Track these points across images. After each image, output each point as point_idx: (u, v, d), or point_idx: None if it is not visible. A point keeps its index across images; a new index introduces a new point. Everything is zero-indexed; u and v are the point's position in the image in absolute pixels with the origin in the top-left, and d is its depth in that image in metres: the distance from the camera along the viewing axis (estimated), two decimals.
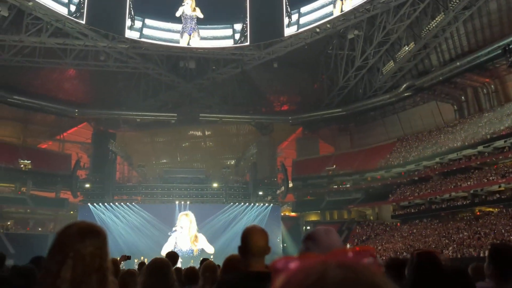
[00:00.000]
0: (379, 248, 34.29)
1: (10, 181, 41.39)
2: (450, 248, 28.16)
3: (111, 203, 38.36)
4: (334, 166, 46.76)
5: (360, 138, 49.83)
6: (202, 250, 36.21)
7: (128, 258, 5.81)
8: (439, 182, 36.79)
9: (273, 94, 52.57)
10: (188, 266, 4.81)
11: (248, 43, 41.55)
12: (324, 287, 0.53)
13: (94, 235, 1.35)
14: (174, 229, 37.49)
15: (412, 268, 2.27)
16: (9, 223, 40.16)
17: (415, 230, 35.12)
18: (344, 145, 50.60)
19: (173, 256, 4.80)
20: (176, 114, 47.56)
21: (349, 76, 43.48)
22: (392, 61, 41.19)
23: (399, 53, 40.13)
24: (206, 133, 56.39)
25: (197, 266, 4.70)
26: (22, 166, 41.98)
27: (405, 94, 41.84)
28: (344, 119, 48.48)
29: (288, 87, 50.30)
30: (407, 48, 39.22)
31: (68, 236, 1.33)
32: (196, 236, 37.35)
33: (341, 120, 48.91)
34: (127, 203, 38.96)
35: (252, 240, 2.19)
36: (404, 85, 41.21)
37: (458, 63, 36.81)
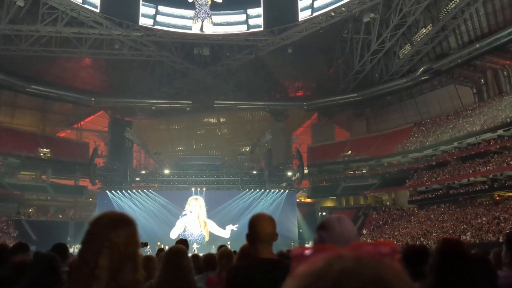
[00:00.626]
0: (395, 233, 34.14)
1: (31, 169, 42.38)
2: (468, 233, 27.85)
3: (128, 190, 38.91)
4: (350, 151, 46.45)
5: (376, 123, 49.29)
6: (217, 236, 36.53)
7: (145, 245, 5.89)
8: (457, 167, 36.25)
9: (287, 80, 52.20)
10: (207, 252, 4.87)
11: (262, 29, 41.13)
12: (325, 275, 0.54)
13: (126, 224, 1.40)
14: (184, 213, 37.92)
15: (437, 257, 2.24)
16: (30, 210, 41.21)
17: (432, 216, 34.81)
18: (360, 131, 50.14)
19: (184, 242, 4.90)
20: (191, 102, 47.71)
21: (365, 60, 42.79)
22: (409, 44, 40.35)
23: (416, 36, 39.24)
24: (221, 120, 56.51)
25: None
26: (41, 154, 42.86)
27: (423, 78, 41.09)
28: (360, 104, 47.94)
29: (303, 73, 49.83)
30: (424, 31, 38.31)
31: (101, 226, 1.38)
32: (205, 222, 37.72)
33: (357, 105, 48.39)
34: (144, 190, 39.48)
35: (260, 227, 2.21)
36: (422, 69, 40.44)
37: (477, 45, 35.87)
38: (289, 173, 42.21)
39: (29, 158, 41.07)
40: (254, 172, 43.15)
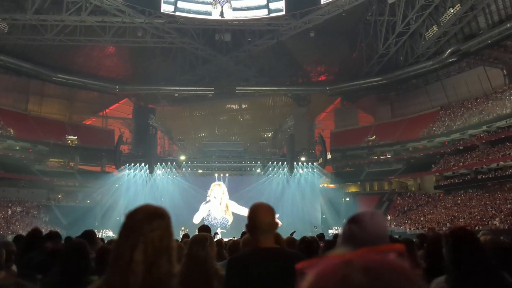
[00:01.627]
0: (421, 219, 33.72)
1: (59, 156, 43.59)
2: (497, 219, 27.24)
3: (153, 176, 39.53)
4: (374, 136, 45.83)
5: (401, 107, 48.31)
6: (241, 221, 36.83)
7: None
8: (485, 151, 35.33)
9: (310, 64, 51.58)
10: (231, 239, 4.91)
11: (283, 13, 40.59)
12: None
13: (160, 217, 1.42)
14: (208, 199, 38.31)
15: (449, 248, 2.18)
16: (59, 196, 42.51)
17: (459, 201, 34.17)
18: (385, 115, 49.29)
19: (206, 229, 4.96)
20: (213, 88, 47.82)
21: (390, 43, 41.76)
22: (435, 25, 39.06)
23: (443, 16, 37.92)
24: (243, 106, 56.50)
25: None
26: (69, 142, 44.00)
27: (450, 60, 39.89)
28: (384, 88, 47.03)
29: (326, 57, 49.11)
30: (452, 11, 36.95)
31: (137, 221, 1.39)
32: (227, 206, 38.11)
33: (381, 89, 47.49)
34: (168, 176, 40.07)
35: (259, 217, 2.20)
36: (449, 50, 39.22)
37: (508, 25, 34.45)
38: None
39: (57, 146, 42.24)
40: (276, 157, 43.13)
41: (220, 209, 38.11)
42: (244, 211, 36.45)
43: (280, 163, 42.04)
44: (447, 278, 2.24)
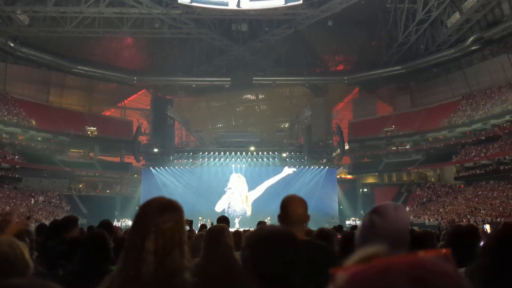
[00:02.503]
0: (440, 210, 33.27)
1: (80, 147, 44.41)
2: None
3: (171, 167, 39.95)
4: (393, 126, 45.23)
5: (421, 97, 47.44)
6: (259, 211, 36.98)
7: (190, 222, 6.03)
8: (508, 142, 34.50)
9: (328, 54, 50.99)
10: (249, 229, 4.90)
11: (300, 2, 40.10)
12: None
13: (172, 210, 1.44)
14: (228, 186, 38.50)
15: (495, 240, 2.09)
16: (80, 185, 43.40)
17: (480, 192, 33.55)
18: (404, 105, 48.51)
19: (225, 220, 4.97)
20: (229, 79, 47.79)
21: (410, 31, 40.85)
22: (457, 12, 38.00)
23: (465, 3, 36.82)
24: (260, 96, 56.36)
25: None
26: (89, 132, 44.75)
27: (472, 48, 38.88)
28: (403, 78, 46.23)
29: (344, 46, 48.46)
30: None
31: (149, 211, 1.42)
32: (247, 197, 38.27)
33: (400, 79, 46.70)
34: (186, 166, 40.41)
35: (291, 209, 2.22)
36: (471, 38, 38.20)
37: None
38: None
39: (77, 136, 43.02)
40: (293, 148, 43.01)
41: (240, 200, 38.31)
42: (261, 189, 36.59)
43: (297, 153, 41.94)
44: (468, 270, 2.19)
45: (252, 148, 41.50)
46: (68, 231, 3.92)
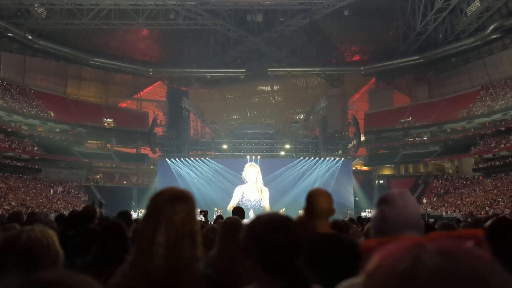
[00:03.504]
0: (458, 202, 32.81)
1: (97, 138, 45.03)
2: None
3: (186, 158, 40.22)
4: (410, 117, 44.58)
5: (439, 87, 46.56)
6: (274, 201, 37.01)
7: (206, 213, 6.05)
8: None
9: (344, 44, 50.37)
10: None
11: None
12: (416, 276, 0.46)
13: (183, 201, 1.42)
14: (245, 178, 38.43)
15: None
16: (98, 176, 44.06)
17: (499, 184, 32.93)
18: (421, 95, 47.73)
19: (240, 211, 4.97)
20: (244, 70, 47.68)
21: (428, 20, 40.02)
22: (477, 0, 37.10)
23: None
24: (275, 87, 56.14)
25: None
26: (106, 124, 45.30)
27: (493, 37, 37.98)
28: (421, 68, 45.43)
29: (360, 36, 47.78)
30: None
31: (159, 203, 1.40)
32: (261, 188, 38.25)
33: (418, 69, 45.90)
34: (201, 158, 40.63)
35: (317, 202, 2.25)
36: (492, 27, 37.25)
37: None
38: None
39: (94, 128, 43.61)
40: (308, 139, 42.80)
41: (255, 190, 38.34)
42: (266, 207, 36.26)
43: (312, 144, 41.75)
44: None
45: (267, 140, 41.48)
46: (87, 221, 3.97)
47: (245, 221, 2.96)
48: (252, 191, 38.28)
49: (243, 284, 1.45)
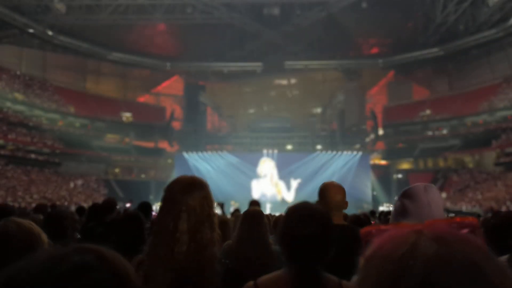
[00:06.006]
0: (478, 197, 32.23)
1: (116, 132, 45.65)
2: None
3: (203, 152, 40.47)
4: (429, 111, 43.85)
5: (459, 79, 45.61)
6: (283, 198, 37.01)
7: (222, 205, 6.09)
8: None
9: (361, 36, 49.69)
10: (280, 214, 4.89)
11: None
12: (413, 260, 0.48)
13: (199, 187, 1.48)
14: (263, 173, 38.51)
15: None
16: (117, 170, 44.71)
17: None
18: (441, 88, 46.85)
19: (257, 204, 4.99)
20: (261, 64, 47.57)
21: (449, 11, 39.16)
22: None
23: None
24: (292, 81, 55.88)
25: None
26: (124, 118, 45.86)
27: None
28: (441, 60, 44.53)
29: (378, 28, 46.99)
30: None
31: (176, 192, 1.46)
32: (277, 183, 38.26)
33: (438, 61, 45.02)
34: (218, 152, 40.83)
35: (329, 195, 2.29)
36: None
37: None
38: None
39: (113, 122, 44.23)
40: (325, 133, 42.54)
41: (270, 185, 38.41)
42: (287, 195, 36.50)
43: (329, 139, 41.52)
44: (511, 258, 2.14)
45: (283, 134, 41.41)
46: (108, 213, 4.04)
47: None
48: (267, 186, 38.34)
49: (261, 274, 1.47)
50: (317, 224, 1.41)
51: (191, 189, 1.45)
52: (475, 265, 0.47)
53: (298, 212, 1.45)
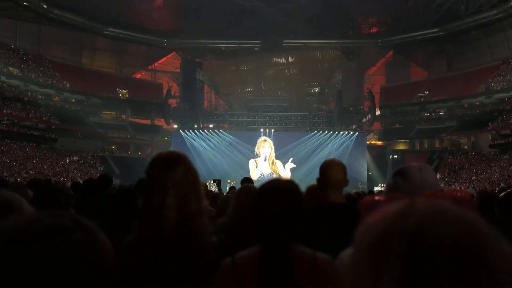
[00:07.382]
0: (473, 178, 32.54)
1: (112, 109, 45.38)
2: None
3: (200, 130, 40.36)
4: (427, 92, 43.74)
5: (458, 61, 45.37)
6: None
7: (219, 182, 6.12)
8: None
9: (361, 15, 49.10)
10: None
11: None
12: (410, 215, 0.50)
13: (181, 161, 1.47)
14: (264, 156, 38.51)
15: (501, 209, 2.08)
16: (113, 147, 44.65)
17: None
18: (440, 69, 46.64)
19: (249, 181, 5.02)
20: (259, 41, 47.01)
21: None
22: None
23: None
24: (290, 60, 55.41)
25: None
26: (120, 95, 45.49)
27: None
28: (440, 40, 44.16)
29: (378, 7, 46.39)
30: None
31: (160, 169, 1.45)
32: (274, 162, 38.31)
33: (437, 42, 44.65)
34: (215, 130, 40.74)
35: (330, 173, 2.25)
36: None
37: None
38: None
39: (109, 98, 43.88)
40: (323, 113, 42.46)
41: (267, 164, 38.48)
42: (284, 173, 36.56)
43: (327, 118, 41.46)
44: None
45: (281, 113, 41.28)
46: (103, 188, 4.04)
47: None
48: (264, 165, 38.41)
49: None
50: (285, 200, 1.44)
51: (174, 164, 1.45)
52: (468, 221, 0.49)
53: (267, 189, 1.48)
